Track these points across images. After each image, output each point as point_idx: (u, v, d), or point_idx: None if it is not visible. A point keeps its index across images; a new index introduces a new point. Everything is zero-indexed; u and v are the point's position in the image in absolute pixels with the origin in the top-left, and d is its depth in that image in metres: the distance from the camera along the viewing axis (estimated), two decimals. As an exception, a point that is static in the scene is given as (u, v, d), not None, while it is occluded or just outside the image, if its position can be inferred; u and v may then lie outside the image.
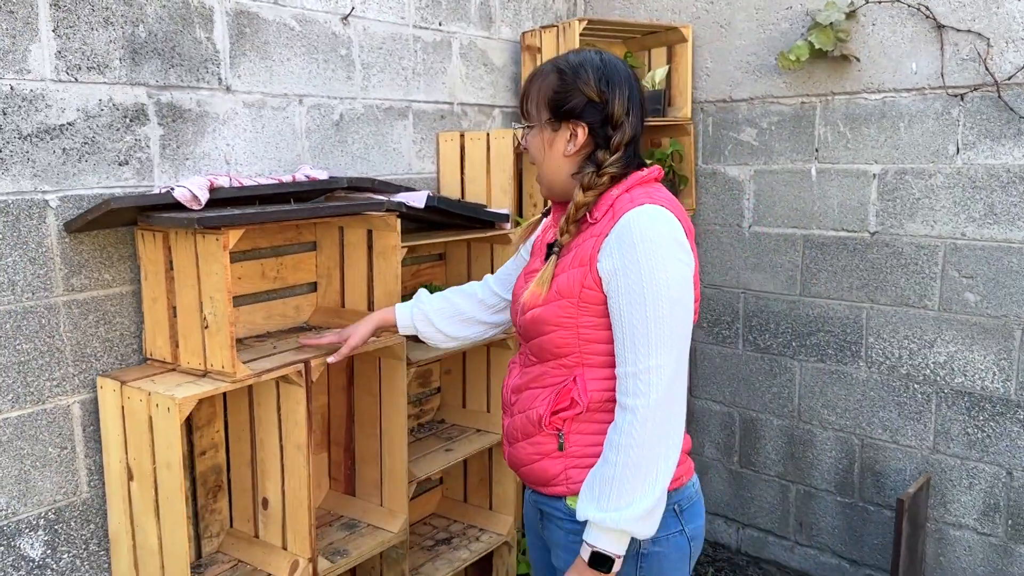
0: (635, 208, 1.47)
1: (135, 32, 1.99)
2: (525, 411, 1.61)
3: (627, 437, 1.44)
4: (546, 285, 1.53)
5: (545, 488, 1.61)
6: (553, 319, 1.53)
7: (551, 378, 1.57)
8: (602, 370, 1.53)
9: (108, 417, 1.96)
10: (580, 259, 1.50)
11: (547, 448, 1.58)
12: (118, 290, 2.02)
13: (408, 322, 1.97)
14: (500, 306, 1.94)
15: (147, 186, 2.05)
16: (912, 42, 2.73)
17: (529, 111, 1.60)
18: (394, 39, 2.66)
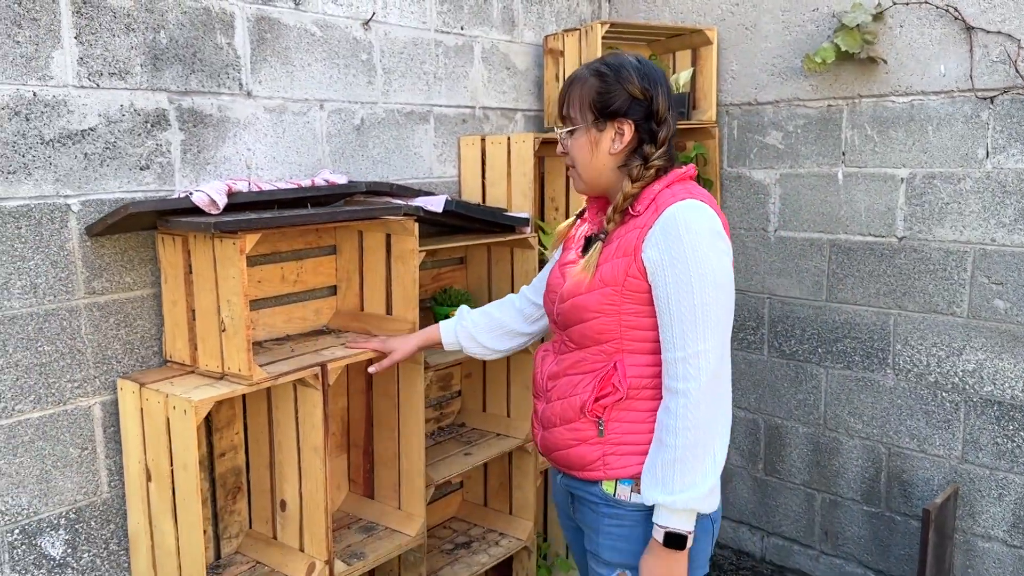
0: (678, 202, 1.56)
1: (156, 38, 2.02)
2: (564, 397, 1.67)
3: (683, 420, 1.51)
4: (591, 270, 1.60)
5: (579, 472, 1.67)
6: (596, 306, 1.60)
7: (590, 364, 1.64)
8: (641, 356, 1.60)
9: (128, 418, 1.98)
10: (624, 249, 1.58)
11: (586, 434, 1.64)
12: (138, 293, 2.05)
13: (453, 339, 2.07)
14: (536, 315, 2.00)
15: (168, 190, 2.07)
16: (940, 44, 2.68)
17: (570, 115, 1.67)
18: (415, 43, 2.67)
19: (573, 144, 1.67)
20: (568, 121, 1.68)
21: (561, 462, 1.71)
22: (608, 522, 1.65)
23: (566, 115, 1.68)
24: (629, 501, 1.62)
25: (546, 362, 1.76)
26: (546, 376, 1.73)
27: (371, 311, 2.40)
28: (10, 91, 1.79)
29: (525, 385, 2.81)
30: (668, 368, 1.55)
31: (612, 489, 1.64)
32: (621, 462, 1.62)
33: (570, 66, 3.02)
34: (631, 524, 1.63)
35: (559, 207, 3.06)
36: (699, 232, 1.53)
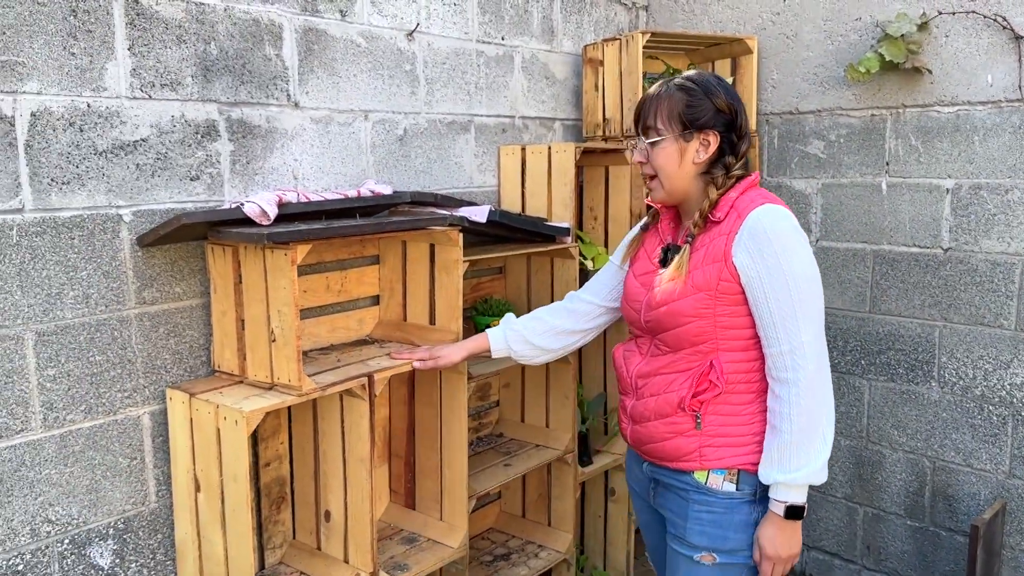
0: (758, 207, 1.69)
1: (207, 49, 2.03)
2: (659, 394, 1.79)
3: (794, 407, 1.66)
4: (683, 271, 1.72)
5: (673, 463, 1.80)
6: (691, 311, 1.71)
7: (685, 363, 1.76)
8: (735, 353, 1.73)
9: (177, 428, 1.99)
10: (713, 256, 1.70)
11: (684, 427, 1.76)
12: (188, 303, 2.05)
13: (503, 345, 2.14)
14: (594, 313, 2.10)
15: (217, 201, 2.08)
16: (987, 54, 2.64)
17: (656, 126, 1.76)
18: (457, 54, 2.67)
19: (659, 154, 1.76)
20: (652, 132, 1.76)
21: (655, 454, 1.83)
22: (698, 508, 1.78)
23: (649, 126, 1.76)
24: (720, 489, 1.76)
25: (632, 361, 1.87)
26: (635, 375, 1.85)
27: (414, 321, 2.40)
28: (65, 102, 1.81)
29: (565, 395, 2.80)
30: (775, 361, 1.69)
31: (704, 478, 1.77)
32: (717, 453, 1.75)
33: (610, 76, 3.01)
34: (721, 511, 1.76)
35: (597, 216, 3.05)
36: (784, 232, 1.67)
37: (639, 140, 1.80)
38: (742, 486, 1.75)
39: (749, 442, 1.75)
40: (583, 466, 2.90)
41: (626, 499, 3.09)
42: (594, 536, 3.23)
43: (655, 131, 1.76)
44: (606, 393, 3.10)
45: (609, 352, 3.09)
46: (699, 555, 1.78)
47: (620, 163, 2.93)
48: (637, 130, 1.82)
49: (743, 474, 1.75)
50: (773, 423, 1.70)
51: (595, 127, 3.10)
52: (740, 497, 1.75)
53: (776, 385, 1.70)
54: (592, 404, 3.05)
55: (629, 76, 2.93)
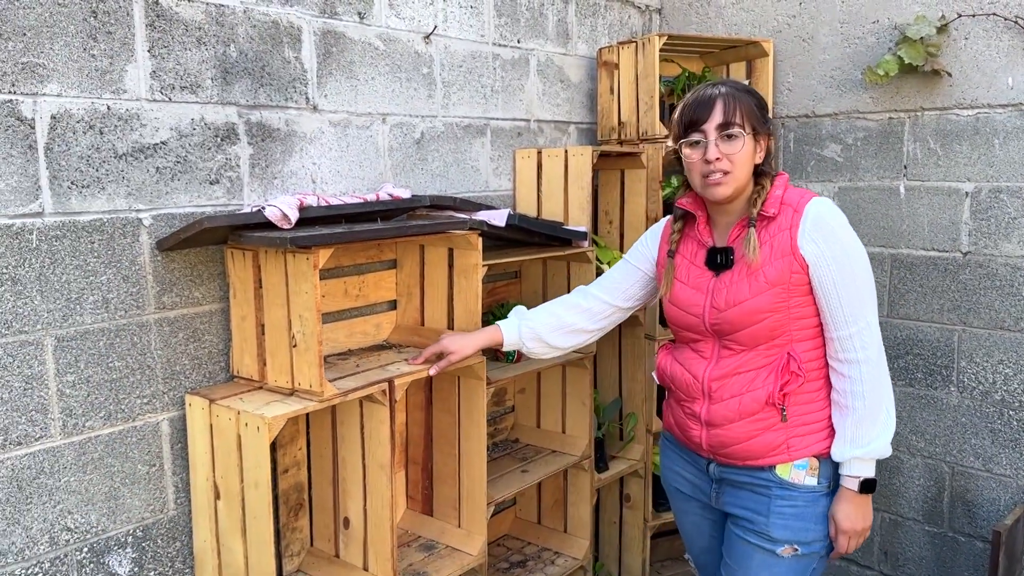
0: (811, 200, 1.78)
1: (226, 52, 2.01)
2: (741, 394, 1.82)
3: (865, 384, 1.75)
4: (756, 255, 1.76)
5: (757, 460, 1.83)
6: (768, 306, 1.76)
7: (763, 359, 1.80)
8: (807, 342, 1.80)
9: (196, 435, 1.96)
10: (781, 251, 1.76)
11: (770, 422, 1.81)
12: (207, 308, 2.03)
13: (516, 339, 2.14)
14: (607, 312, 2.12)
15: (236, 204, 2.06)
16: (1008, 56, 2.63)
17: (737, 123, 1.78)
18: (474, 57, 2.66)
19: (738, 151, 1.78)
20: (735, 128, 1.77)
21: (739, 455, 1.85)
22: (780, 503, 1.83)
23: (731, 123, 1.77)
24: (803, 484, 1.82)
25: (697, 366, 1.88)
26: (708, 379, 1.86)
27: (432, 326, 2.38)
28: (85, 104, 1.79)
29: (582, 401, 2.78)
30: (842, 343, 1.76)
31: (787, 473, 1.82)
32: (803, 443, 1.81)
33: (625, 79, 2.99)
34: (804, 504, 1.83)
35: (613, 220, 3.03)
36: (841, 221, 1.77)
37: (707, 137, 1.78)
38: (822, 480, 1.83)
39: (826, 426, 1.83)
40: (599, 472, 2.87)
41: (642, 506, 3.07)
42: (609, 542, 3.21)
43: (738, 127, 1.77)
44: (621, 398, 3.08)
45: (626, 356, 3.06)
46: (781, 548, 1.83)
47: (636, 166, 2.91)
48: (698, 128, 1.79)
49: (823, 464, 1.83)
50: (842, 402, 1.78)
51: (610, 130, 3.08)
52: (820, 490, 1.83)
53: (843, 366, 1.77)
54: (608, 409, 3.03)
55: (645, 79, 2.92)
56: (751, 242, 1.76)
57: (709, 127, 1.77)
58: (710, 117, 1.77)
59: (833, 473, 1.85)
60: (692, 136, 1.79)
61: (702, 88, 1.83)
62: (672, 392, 2.00)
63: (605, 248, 2.94)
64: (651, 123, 2.92)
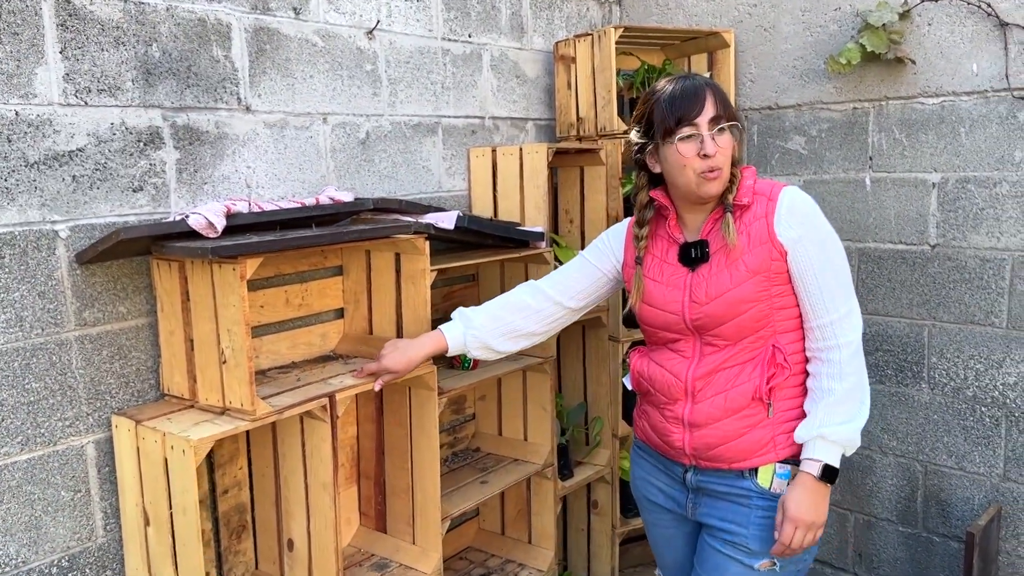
0: (783, 188, 1.74)
1: (148, 52, 1.90)
2: (727, 390, 1.74)
3: (844, 367, 1.68)
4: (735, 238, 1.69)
5: (743, 462, 1.75)
6: (752, 296, 1.70)
7: (747, 353, 1.74)
8: (791, 334, 1.74)
9: (123, 458, 1.85)
10: (759, 238, 1.70)
11: (757, 418, 1.74)
12: (133, 323, 1.92)
13: (461, 345, 2.02)
14: (556, 315, 2.02)
15: (163, 213, 1.95)
16: (972, 42, 2.55)
17: (727, 115, 1.71)
18: (422, 53, 2.55)
19: (729, 143, 1.72)
20: (726, 122, 1.71)
21: (726, 455, 1.76)
22: (761, 514, 1.75)
23: (721, 115, 1.70)
24: (784, 492, 1.73)
25: (678, 366, 1.80)
26: (692, 378, 1.78)
27: (380, 334, 2.27)
28: (-9, 111, 1.67)
29: (542, 407, 2.68)
30: (822, 331, 1.70)
31: (768, 482, 1.74)
32: (789, 439, 1.74)
33: (582, 73, 2.89)
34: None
35: (573, 220, 2.94)
36: (814, 207, 1.73)
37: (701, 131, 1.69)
38: None
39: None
40: (563, 480, 2.78)
41: (609, 512, 2.98)
42: (577, 550, 3.12)
43: (726, 120, 1.71)
44: (587, 402, 2.99)
45: (590, 359, 2.97)
46: (760, 563, 1.76)
47: (595, 163, 2.82)
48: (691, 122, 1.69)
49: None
50: (818, 386, 1.72)
51: (569, 126, 2.98)
52: None
53: (823, 352, 1.71)
54: (572, 414, 2.94)
55: (602, 73, 2.82)
56: (729, 227, 1.71)
57: (702, 121, 1.69)
58: (703, 111, 1.69)
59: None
60: (684, 130, 1.69)
61: (677, 80, 1.74)
62: (649, 396, 1.90)
63: (566, 248, 2.85)
64: (609, 118, 2.82)
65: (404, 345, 2.01)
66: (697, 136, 1.69)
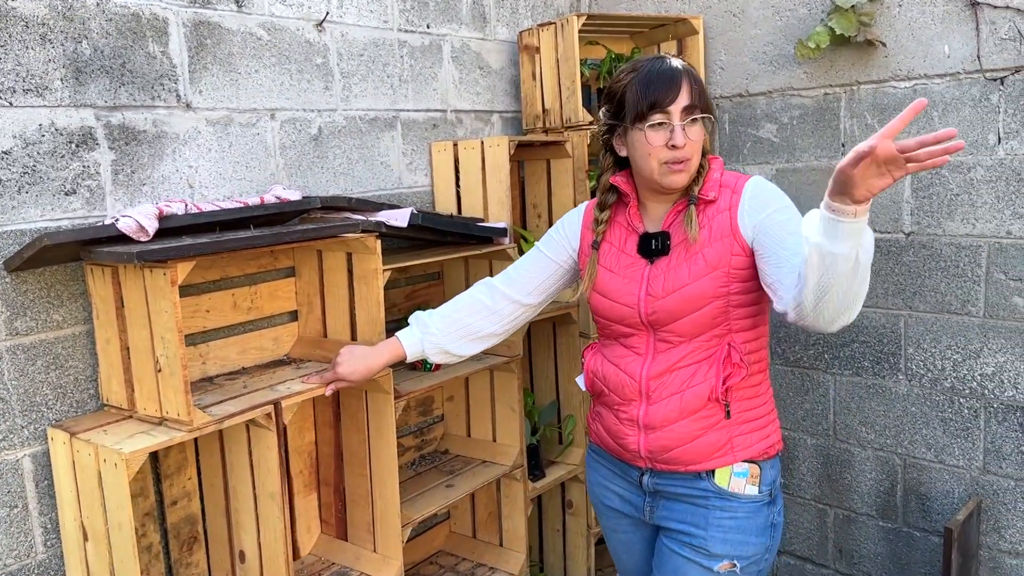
0: (748, 180, 1.68)
1: (78, 49, 1.82)
2: (682, 391, 1.68)
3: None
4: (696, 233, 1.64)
5: (700, 464, 1.69)
6: (710, 291, 1.64)
7: (702, 352, 1.68)
8: (747, 332, 1.69)
9: (60, 472, 1.78)
10: (720, 232, 1.64)
11: (714, 420, 1.68)
12: (69, 331, 1.85)
13: (419, 351, 1.95)
14: (515, 314, 1.95)
15: (98, 216, 1.87)
16: (944, 23, 2.47)
17: (700, 105, 1.64)
18: (376, 44, 2.47)
19: (699, 135, 1.66)
20: (698, 111, 1.64)
21: (682, 459, 1.71)
22: (720, 515, 1.70)
23: (695, 105, 1.63)
24: (743, 493, 1.70)
25: (631, 365, 1.73)
26: (646, 377, 1.71)
27: (335, 337, 2.20)
28: (-92, 113, 1.60)
29: (511, 407, 2.61)
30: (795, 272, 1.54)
31: (726, 482, 1.70)
32: (747, 441, 1.70)
33: (547, 63, 2.82)
34: (744, 516, 1.71)
35: (541, 214, 2.87)
36: (780, 192, 1.68)
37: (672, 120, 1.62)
38: (763, 487, 1.72)
39: (769, 423, 1.76)
40: (534, 480, 2.72)
41: (584, 512, 2.91)
42: (553, 551, 3.06)
43: (699, 110, 1.64)
44: (559, 400, 2.92)
45: (562, 356, 2.90)
46: (720, 564, 1.71)
47: (561, 156, 2.75)
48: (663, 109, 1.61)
49: (764, 470, 1.73)
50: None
51: (535, 118, 2.91)
52: (761, 499, 1.72)
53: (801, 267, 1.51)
54: (544, 413, 2.87)
55: (566, 63, 2.75)
56: (692, 220, 1.65)
57: (675, 109, 1.62)
58: (677, 98, 1.61)
59: (774, 480, 1.76)
60: (655, 117, 1.62)
61: (655, 62, 1.66)
62: (602, 397, 1.83)
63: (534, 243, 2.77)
64: (574, 109, 2.75)
65: (361, 353, 1.94)
66: (668, 125, 1.62)
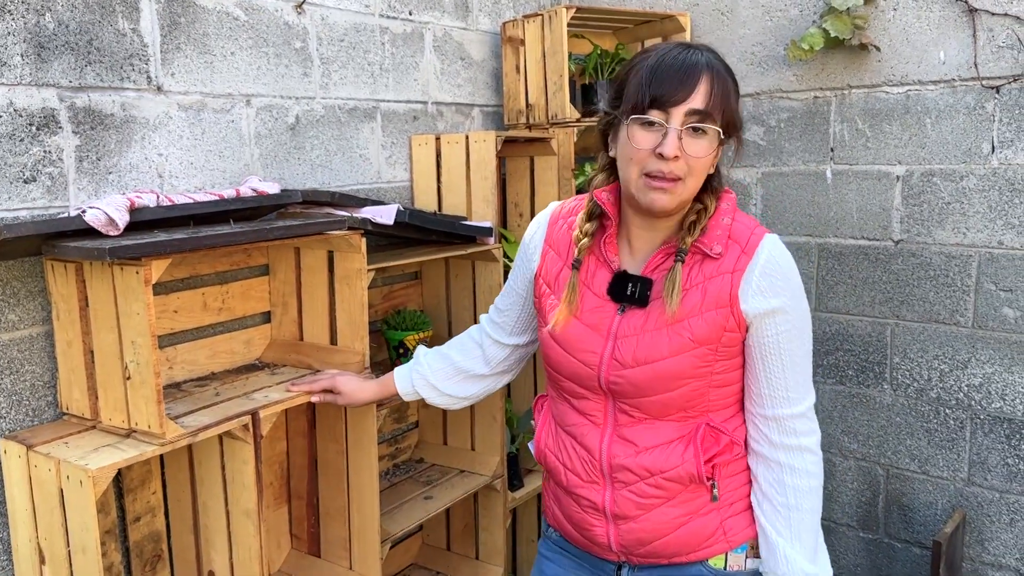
0: (763, 238, 1.36)
1: (40, 23, 1.65)
2: (656, 474, 1.39)
3: (814, 479, 1.40)
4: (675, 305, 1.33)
5: (690, 555, 1.43)
6: (690, 371, 1.35)
7: (673, 431, 1.39)
8: (725, 411, 1.42)
9: (14, 488, 1.62)
10: (716, 300, 1.34)
11: (699, 503, 1.41)
12: (26, 332, 1.68)
13: (409, 388, 1.77)
14: (504, 355, 1.71)
15: (60, 207, 1.71)
16: (940, 28, 2.43)
17: (709, 114, 1.30)
18: (357, 30, 2.34)
19: (701, 150, 1.30)
20: (708, 120, 1.30)
21: (664, 551, 1.43)
22: None
23: (702, 112, 1.29)
24: (744, 570, 1.45)
25: (589, 436, 1.43)
26: (608, 455, 1.41)
27: (312, 341, 2.06)
28: None
29: (492, 415, 2.50)
30: (783, 425, 1.38)
31: (723, 563, 1.44)
32: (739, 524, 1.44)
33: (532, 57, 2.71)
34: None
35: (523, 213, 2.76)
36: (795, 272, 1.38)
37: (669, 122, 1.29)
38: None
39: None
40: (513, 491, 2.61)
41: (561, 522, 2.81)
42: (527, 562, 2.95)
43: (712, 122, 1.30)
44: (536, 407, 2.82)
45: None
46: None
47: (546, 153, 2.64)
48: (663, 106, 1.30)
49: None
50: (789, 502, 1.39)
51: (517, 113, 2.80)
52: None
53: (780, 453, 1.39)
54: (523, 420, 2.76)
55: (553, 56, 2.64)
56: (675, 284, 1.33)
57: (678, 111, 1.28)
58: (687, 98, 1.28)
59: None
60: (652, 114, 1.29)
61: (675, 48, 1.33)
62: (556, 476, 1.51)
63: (515, 243, 2.67)
64: (561, 105, 2.64)
65: (359, 380, 1.84)
66: (662, 127, 1.29)
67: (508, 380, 1.78)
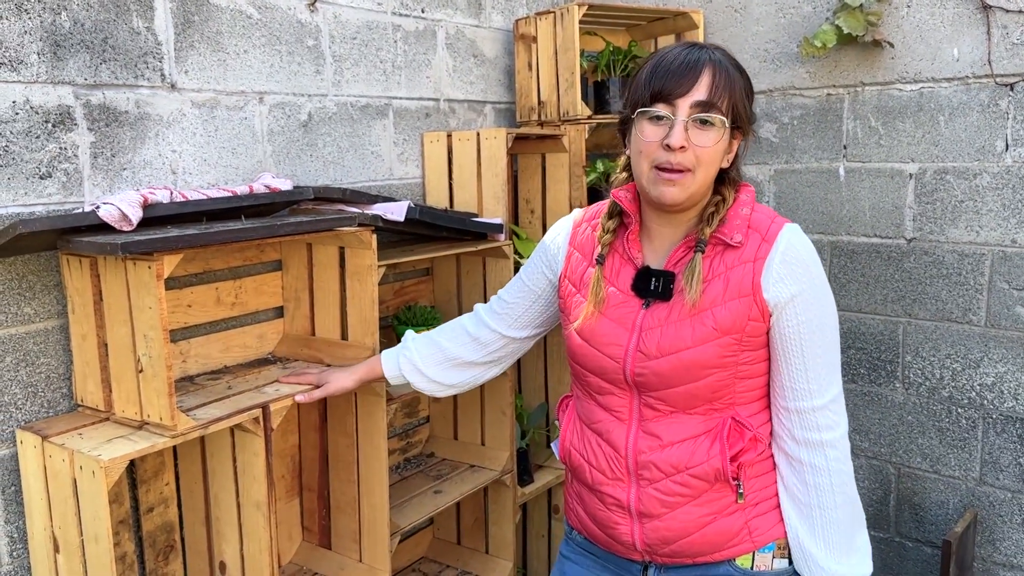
0: (784, 227, 1.39)
1: (56, 21, 1.68)
2: (682, 470, 1.40)
3: (837, 475, 1.39)
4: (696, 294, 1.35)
5: (715, 554, 1.43)
6: (715, 360, 1.36)
7: (699, 425, 1.40)
8: (751, 405, 1.43)
9: (30, 478, 1.65)
10: (739, 289, 1.36)
11: (724, 503, 1.42)
12: (42, 326, 1.71)
13: (396, 371, 1.79)
14: (497, 345, 1.72)
15: (75, 202, 1.74)
16: (953, 25, 2.42)
17: (718, 106, 1.34)
18: (370, 28, 2.35)
19: (710, 142, 1.34)
20: (715, 112, 1.33)
21: (689, 551, 1.44)
22: None
23: (710, 104, 1.33)
24: (771, 570, 1.44)
25: (614, 433, 1.45)
26: (634, 451, 1.43)
27: (323, 336, 2.09)
28: None
29: (502, 410, 2.52)
30: (804, 419, 1.38)
31: (750, 563, 1.44)
32: (765, 524, 1.44)
33: (544, 53, 2.72)
34: None
35: (535, 210, 2.77)
36: (817, 261, 1.39)
37: (676, 115, 1.34)
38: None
39: None
40: (523, 486, 2.62)
41: (571, 518, 2.83)
42: (538, 557, 2.97)
43: (718, 113, 1.33)
44: (548, 403, 2.83)
45: (552, 356, 2.82)
46: None
47: (558, 150, 2.65)
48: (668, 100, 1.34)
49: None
50: (811, 501, 1.39)
51: (529, 111, 2.81)
52: (792, 570, 1.45)
53: (802, 450, 1.39)
54: (533, 415, 2.78)
55: (565, 54, 2.65)
56: (694, 274, 1.35)
57: (683, 103, 1.33)
58: (690, 90, 1.32)
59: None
60: (657, 108, 1.34)
61: (680, 46, 1.38)
62: (581, 474, 1.52)
63: (527, 240, 2.68)
64: (572, 102, 2.65)
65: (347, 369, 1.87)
66: (669, 120, 1.33)
67: (495, 373, 1.78)
